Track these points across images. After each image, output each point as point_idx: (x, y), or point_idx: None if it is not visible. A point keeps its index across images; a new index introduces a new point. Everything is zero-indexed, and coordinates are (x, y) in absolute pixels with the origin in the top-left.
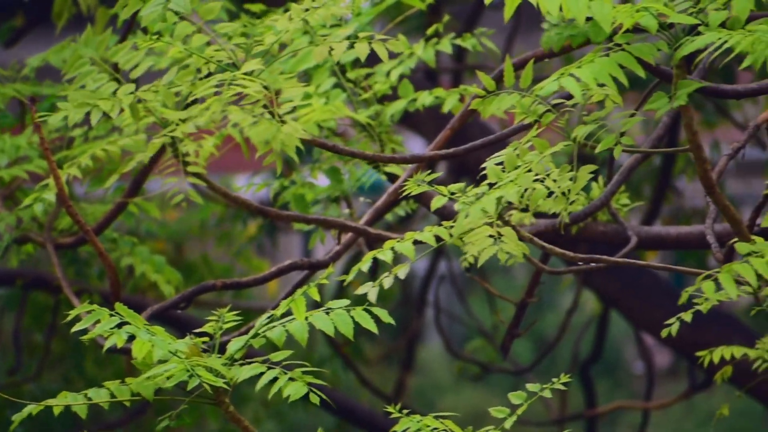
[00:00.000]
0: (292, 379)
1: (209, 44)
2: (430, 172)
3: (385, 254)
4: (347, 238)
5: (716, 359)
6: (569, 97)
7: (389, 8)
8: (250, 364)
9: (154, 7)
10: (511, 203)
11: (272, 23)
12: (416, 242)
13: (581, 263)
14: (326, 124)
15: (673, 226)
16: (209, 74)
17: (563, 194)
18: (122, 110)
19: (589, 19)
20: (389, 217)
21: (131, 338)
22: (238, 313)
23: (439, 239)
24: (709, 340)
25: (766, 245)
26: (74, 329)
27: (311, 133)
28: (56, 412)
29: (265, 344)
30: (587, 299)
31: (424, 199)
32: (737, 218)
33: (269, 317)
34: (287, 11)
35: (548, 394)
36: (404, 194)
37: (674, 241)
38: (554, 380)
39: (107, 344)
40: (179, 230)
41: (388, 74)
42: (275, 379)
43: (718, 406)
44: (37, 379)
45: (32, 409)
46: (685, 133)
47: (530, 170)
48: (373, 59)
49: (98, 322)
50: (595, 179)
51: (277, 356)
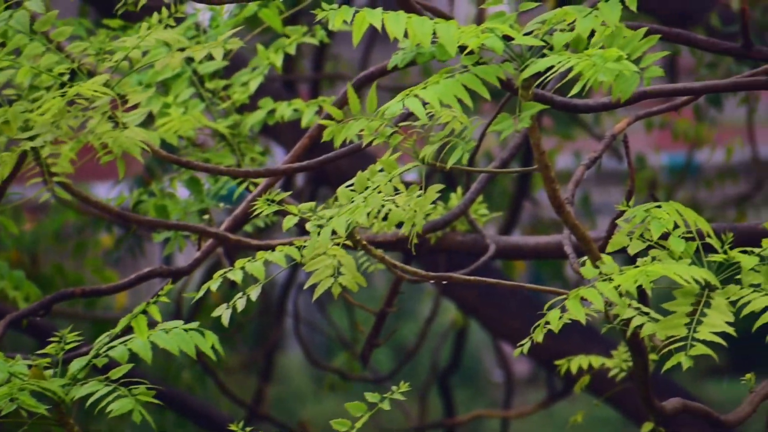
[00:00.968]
0: (121, 395)
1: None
2: (285, 184)
3: (235, 274)
4: (207, 245)
5: (574, 369)
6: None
7: (248, 19)
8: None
9: None
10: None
11: (120, 44)
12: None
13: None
14: (186, 134)
15: (531, 235)
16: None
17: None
18: None
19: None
20: (248, 228)
21: None
22: (94, 322)
23: (290, 260)
24: (567, 349)
25: (614, 267)
26: None
27: (171, 143)
28: None
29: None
30: (447, 308)
31: (284, 210)
32: (587, 237)
33: (108, 335)
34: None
35: (387, 406)
36: (254, 213)
37: (532, 250)
38: (394, 388)
39: None
40: (34, 240)
41: (245, 84)
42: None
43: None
44: None
45: None
46: (533, 152)
47: (380, 192)
48: (233, 69)
49: None
50: (453, 189)
51: (116, 373)
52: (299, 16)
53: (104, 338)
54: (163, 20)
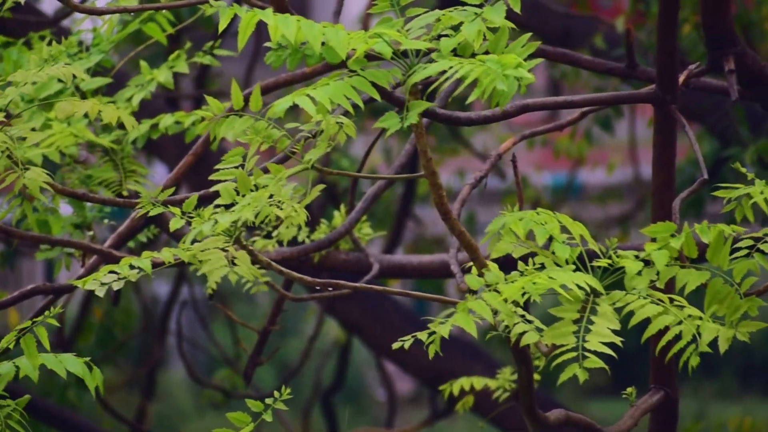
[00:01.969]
0: None
1: None
2: (172, 192)
3: (143, 262)
4: (91, 261)
5: (456, 391)
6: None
7: (132, 36)
8: None
9: None
10: (252, 227)
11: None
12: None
13: (323, 289)
14: (68, 150)
15: (414, 254)
16: None
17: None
18: None
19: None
20: (131, 244)
21: None
22: None
23: (176, 258)
24: (450, 367)
25: (499, 276)
26: None
27: (53, 159)
28: None
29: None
30: (331, 326)
31: (164, 224)
32: (473, 245)
33: None
34: (28, 43)
35: (269, 417)
36: (140, 213)
37: (416, 269)
38: (276, 394)
39: None
40: None
41: (129, 99)
42: None
43: None
44: None
45: None
46: (420, 159)
47: (270, 195)
48: (117, 86)
49: None
50: (337, 207)
51: None
52: (183, 32)
53: None
54: (48, 44)
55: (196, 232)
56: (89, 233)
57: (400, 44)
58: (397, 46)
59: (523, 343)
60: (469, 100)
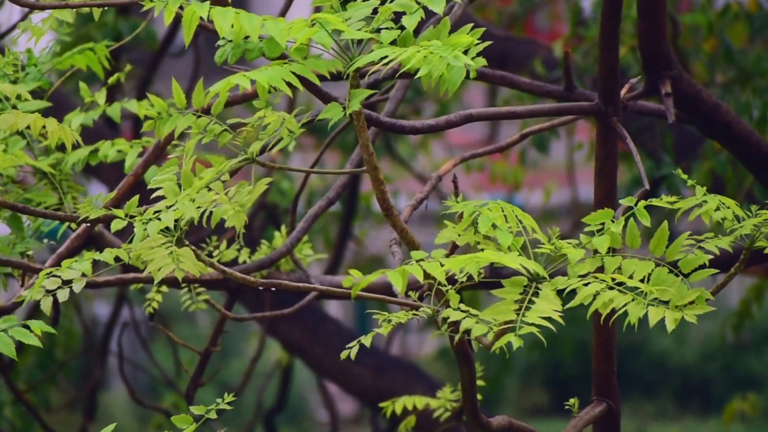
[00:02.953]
0: None
1: None
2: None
3: (64, 271)
4: (31, 281)
5: (399, 410)
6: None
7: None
8: None
9: None
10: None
11: None
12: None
13: (265, 309)
14: (5, 171)
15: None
16: None
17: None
18: None
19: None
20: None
21: None
22: None
23: (118, 259)
24: (391, 388)
25: (440, 252)
26: None
27: None
28: None
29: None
30: (273, 348)
31: (102, 243)
32: (416, 242)
33: None
34: None
35: (213, 414)
36: (82, 219)
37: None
38: (219, 400)
39: None
40: None
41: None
42: None
43: None
44: None
45: None
46: (362, 153)
47: (209, 188)
48: (55, 108)
49: None
50: (277, 228)
51: None
52: (120, 52)
53: None
54: None
55: (140, 231)
56: (29, 253)
57: (340, 36)
58: (338, 37)
59: (473, 334)
60: (418, 75)
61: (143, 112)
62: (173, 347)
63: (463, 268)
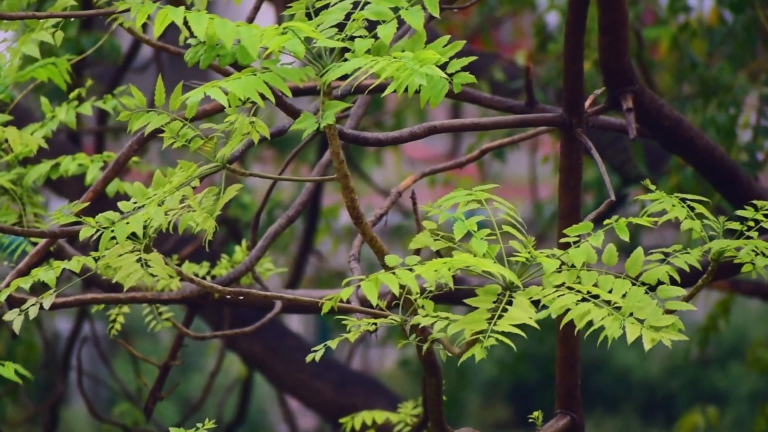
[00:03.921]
0: None
1: None
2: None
3: (26, 282)
4: None
5: (358, 425)
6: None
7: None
8: None
9: None
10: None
11: None
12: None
13: (225, 327)
14: None
15: (315, 290)
16: None
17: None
18: None
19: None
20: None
21: None
22: None
23: (86, 270)
24: (352, 402)
25: (414, 258)
26: None
27: None
28: None
29: None
30: (233, 362)
31: (63, 258)
32: (384, 250)
33: None
34: None
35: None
36: (49, 231)
37: (316, 304)
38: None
39: None
40: None
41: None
42: None
43: None
44: None
45: None
46: (333, 161)
47: (176, 190)
48: (19, 124)
49: None
50: (238, 243)
51: None
52: (83, 67)
53: None
54: None
55: (106, 235)
56: None
57: (313, 44)
58: (311, 43)
59: (448, 333)
60: (385, 93)
61: (109, 105)
62: (134, 362)
63: (436, 272)
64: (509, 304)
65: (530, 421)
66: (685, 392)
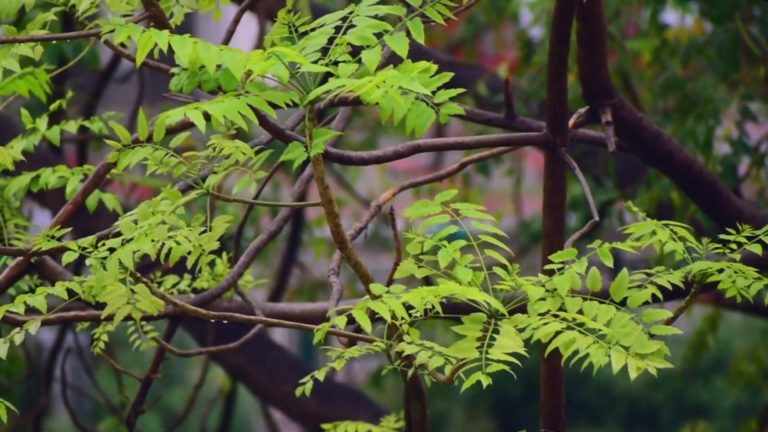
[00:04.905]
0: None
1: None
2: (58, 237)
3: (17, 307)
4: None
5: None
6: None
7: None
8: None
9: None
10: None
11: None
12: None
13: (209, 342)
14: None
15: (297, 303)
16: None
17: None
18: None
19: (220, 66)
20: (12, 291)
21: None
22: None
23: (72, 294)
24: (335, 414)
25: (399, 287)
26: None
27: None
28: None
29: None
30: (217, 374)
31: (47, 272)
32: (369, 275)
33: None
34: None
35: None
36: (35, 248)
37: (298, 317)
38: None
39: None
40: None
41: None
42: None
43: None
44: None
45: None
46: (317, 186)
47: (164, 222)
48: (1, 134)
49: None
50: (219, 255)
51: None
52: (65, 77)
53: None
54: None
55: (98, 270)
56: None
57: (297, 67)
58: (294, 68)
59: (430, 366)
60: (384, 119)
61: (95, 125)
62: (117, 373)
63: (423, 299)
64: (496, 332)
65: None
66: (668, 405)
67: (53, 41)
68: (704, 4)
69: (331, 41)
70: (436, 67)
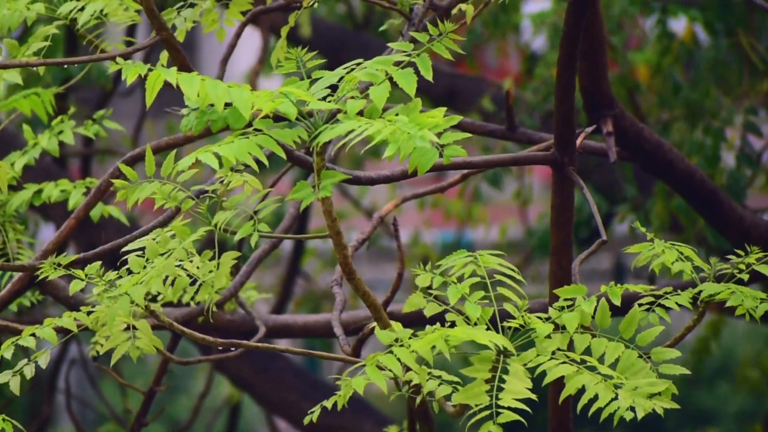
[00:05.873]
0: None
1: None
2: (64, 254)
3: (26, 341)
4: None
5: None
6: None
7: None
8: None
9: None
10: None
11: None
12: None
13: (214, 350)
14: None
15: (300, 314)
16: None
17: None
18: None
19: (229, 104)
20: (13, 307)
21: None
22: None
23: (79, 325)
24: (341, 423)
25: (406, 332)
26: None
27: None
28: None
29: None
30: (222, 383)
31: (50, 288)
32: (377, 305)
33: None
34: None
35: None
36: (38, 278)
37: (301, 329)
38: None
39: None
40: None
41: (12, 164)
42: None
43: None
44: None
45: None
46: (324, 219)
47: (172, 257)
48: (4, 148)
49: None
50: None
51: None
52: (68, 91)
53: None
54: None
55: (110, 310)
56: None
57: (305, 104)
58: (302, 105)
59: (438, 395)
60: (385, 155)
61: (90, 130)
62: (121, 384)
63: (434, 348)
64: (504, 372)
65: None
66: (672, 412)
67: (59, 58)
68: (708, 14)
69: (341, 80)
70: (443, 110)
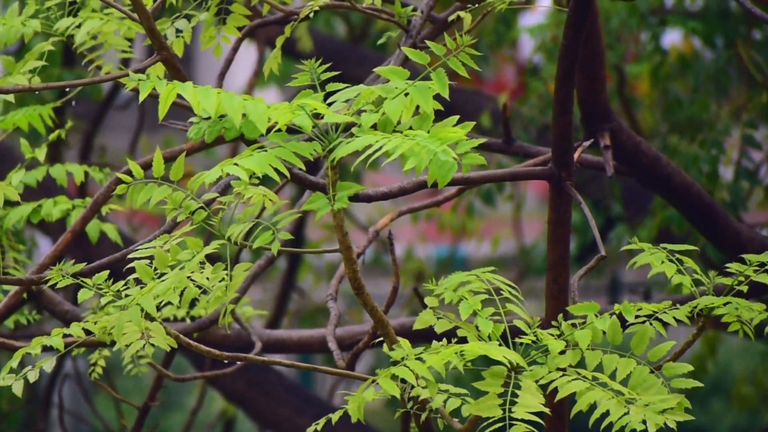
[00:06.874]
0: None
1: None
2: (73, 262)
3: (34, 348)
4: None
5: None
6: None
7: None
8: None
9: None
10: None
11: None
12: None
13: (207, 367)
14: None
15: (295, 329)
16: None
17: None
18: None
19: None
20: (10, 324)
21: None
22: None
23: (87, 332)
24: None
25: (411, 349)
26: None
27: None
28: None
29: None
30: (217, 399)
31: (45, 302)
32: (385, 320)
33: None
34: None
35: None
36: (49, 283)
37: (296, 344)
38: None
39: None
40: None
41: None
42: None
43: None
44: None
45: None
46: (336, 234)
47: (184, 268)
48: (1, 162)
49: None
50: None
51: None
52: (64, 105)
53: None
54: None
55: (120, 320)
56: None
57: (320, 117)
58: (317, 119)
59: (447, 409)
60: (404, 168)
61: (81, 175)
62: (115, 399)
63: (447, 362)
64: (516, 387)
65: None
66: (665, 428)
67: (56, 72)
68: (705, 26)
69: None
70: (456, 119)
